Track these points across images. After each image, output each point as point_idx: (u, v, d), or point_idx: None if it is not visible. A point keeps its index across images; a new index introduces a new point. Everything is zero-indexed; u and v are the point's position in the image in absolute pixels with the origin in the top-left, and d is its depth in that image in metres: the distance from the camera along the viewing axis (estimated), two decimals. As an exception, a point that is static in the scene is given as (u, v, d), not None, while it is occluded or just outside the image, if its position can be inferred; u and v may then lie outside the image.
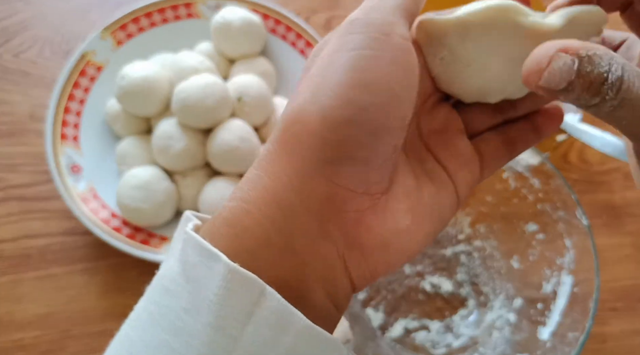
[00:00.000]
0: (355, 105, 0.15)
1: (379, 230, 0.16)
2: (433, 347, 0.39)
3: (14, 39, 0.51)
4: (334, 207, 0.16)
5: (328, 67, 0.16)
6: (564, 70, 0.15)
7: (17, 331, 0.40)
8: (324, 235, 0.16)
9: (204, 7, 0.48)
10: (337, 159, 0.15)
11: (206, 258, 0.15)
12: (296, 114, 0.16)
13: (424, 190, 0.18)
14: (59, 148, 0.42)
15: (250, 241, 0.15)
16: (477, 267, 0.42)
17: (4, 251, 0.42)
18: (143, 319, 0.16)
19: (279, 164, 0.16)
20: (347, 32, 0.16)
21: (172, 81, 0.43)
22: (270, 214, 0.15)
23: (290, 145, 0.16)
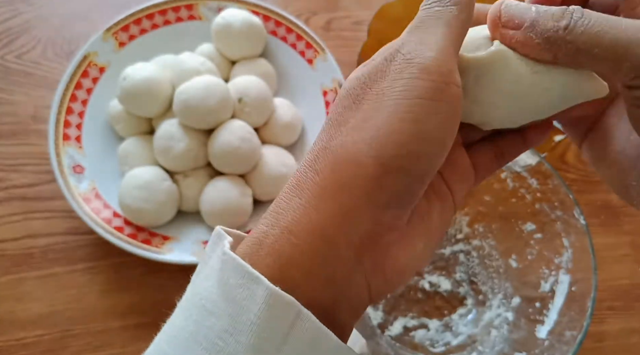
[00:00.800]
0: (413, 155, 0.16)
1: (400, 257, 0.17)
2: (432, 345, 0.39)
3: (17, 40, 0.51)
4: (372, 241, 0.16)
5: (388, 113, 0.16)
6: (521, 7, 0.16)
7: (19, 330, 0.40)
8: (358, 265, 0.16)
9: (205, 9, 0.48)
10: (387, 203, 0.16)
11: (248, 280, 0.15)
12: (352, 155, 0.16)
13: (433, 209, 0.19)
14: (61, 148, 0.42)
15: (295, 273, 0.16)
16: (476, 266, 0.42)
17: (7, 250, 0.43)
18: (182, 337, 0.16)
19: (327, 199, 0.16)
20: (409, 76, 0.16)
21: (173, 82, 0.43)
22: (316, 247, 0.16)
23: (342, 184, 0.16)
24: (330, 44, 0.49)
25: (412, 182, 0.16)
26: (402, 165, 0.16)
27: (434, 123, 0.16)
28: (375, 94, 0.16)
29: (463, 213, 0.43)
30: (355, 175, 0.16)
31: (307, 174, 0.17)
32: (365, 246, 0.16)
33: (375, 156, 0.15)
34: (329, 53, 0.47)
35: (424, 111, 0.15)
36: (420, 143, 0.16)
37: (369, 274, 0.17)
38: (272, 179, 0.42)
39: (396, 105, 0.16)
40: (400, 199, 0.16)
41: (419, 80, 0.16)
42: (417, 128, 0.15)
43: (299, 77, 0.48)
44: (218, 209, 0.40)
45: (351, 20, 0.54)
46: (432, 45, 0.16)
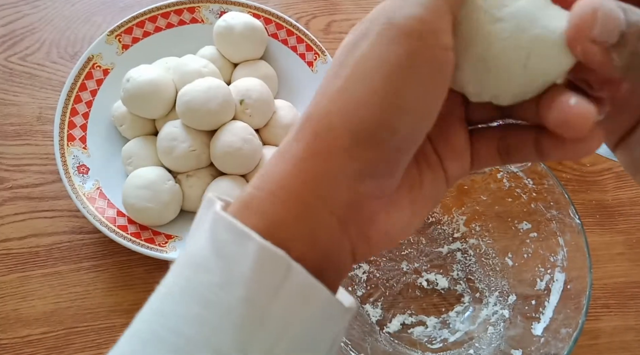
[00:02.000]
0: (387, 128, 0.15)
1: (385, 225, 0.17)
2: (429, 342, 0.40)
3: (22, 42, 0.52)
4: (354, 210, 0.16)
5: (363, 81, 0.15)
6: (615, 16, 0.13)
7: (24, 328, 0.41)
8: (343, 232, 0.17)
9: (207, 12, 0.49)
10: (362, 173, 0.16)
11: (238, 236, 0.15)
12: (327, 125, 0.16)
13: (424, 178, 0.18)
14: (66, 149, 0.43)
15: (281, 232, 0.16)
16: (473, 265, 0.43)
17: (12, 249, 0.43)
18: (175, 293, 0.16)
19: (307, 165, 0.16)
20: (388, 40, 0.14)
21: (176, 84, 0.44)
22: (298, 212, 0.16)
23: (318, 153, 0.16)
24: (330, 47, 0.50)
25: (389, 154, 0.15)
26: (375, 139, 0.15)
27: (413, 93, 0.14)
28: (355, 60, 0.15)
29: (460, 212, 0.44)
30: (329, 146, 0.15)
31: (290, 142, 0.17)
32: (348, 215, 0.16)
33: (348, 129, 0.15)
34: (329, 56, 0.47)
35: (401, 81, 0.14)
36: (396, 116, 0.15)
37: (355, 240, 0.17)
38: (273, 179, 0.43)
39: (371, 75, 0.14)
40: (377, 170, 0.16)
41: (397, 45, 0.14)
42: (392, 100, 0.14)
43: (300, 79, 0.49)
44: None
45: (351, 22, 0.55)
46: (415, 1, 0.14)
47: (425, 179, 0.18)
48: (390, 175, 0.16)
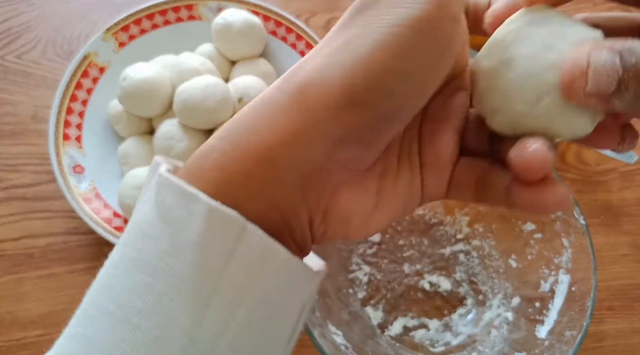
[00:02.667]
0: (384, 90, 0.14)
1: (345, 204, 0.16)
2: (432, 345, 0.39)
3: (17, 40, 0.51)
4: (320, 175, 0.15)
5: (369, 40, 0.14)
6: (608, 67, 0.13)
7: (19, 330, 0.40)
8: (303, 198, 0.16)
9: (205, 9, 0.48)
10: (343, 138, 0.15)
11: (184, 199, 0.14)
12: (321, 78, 0.14)
13: (400, 173, 0.17)
14: (61, 148, 0.42)
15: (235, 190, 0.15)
16: (476, 266, 0.42)
17: (6, 250, 0.43)
18: (122, 265, 0.15)
19: (283, 120, 0.15)
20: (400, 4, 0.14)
21: (173, 82, 0.43)
22: (261, 168, 0.15)
23: (302, 106, 0.15)
24: (330, 44, 0.49)
25: (376, 119, 0.15)
26: (369, 100, 0.14)
27: (416, 59, 0.14)
28: (364, 19, 0.15)
29: (463, 213, 0.43)
30: (317, 100, 0.14)
31: (271, 92, 0.16)
32: (312, 178, 0.15)
33: (343, 84, 0.14)
34: (329, 53, 0.47)
35: (407, 44, 0.14)
36: (396, 79, 0.14)
37: (313, 210, 0.16)
38: (272, 179, 0.42)
39: (380, 34, 0.14)
40: (359, 136, 0.15)
41: (409, 9, 0.14)
42: (395, 62, 0.14)
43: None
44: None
45: (351, 20, 0.54)
46: None
47: (401, 175, 0.17)
48: (369, 146, 0.15)
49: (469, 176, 0.18)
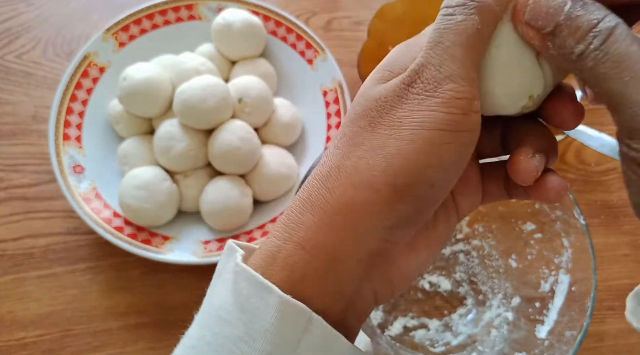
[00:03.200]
0: (426, 183, 0.16)
1: (404, 267, 0.19)
2: (432, 345, 0.39)
3: (17, 40, 0.51)
4: (380, 257, 0.17)
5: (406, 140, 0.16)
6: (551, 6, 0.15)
7: (19, 330, 0.40)
8: (366, 280, 0.18)
9: (205, 9, 0.48)
10: (397, 225, 0.17)
11: (260, 290, 0.16)
12: (366, 179, 0.16)
13: (438, 218, 0.19)
14: (61, 148, 0.42)
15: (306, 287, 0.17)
16: (476, 266, 0.42)
17: (7, 250, 0.43)
18: (201, 347, 0.17)
19: (340, 220, 0.16)
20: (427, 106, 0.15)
21: (173, 82, 0.43)
22: (327, 266, 0.17)
23: (356, 207, 0.16)
24: (330, 44, 0.49)
25: (423, 206, 0.17)
26: (415, 193, 0.16)
27: (451, 152, 0.16)
28: (392, 120, 0.16)
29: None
30: (367, 199, 0.16)
31: (319, 190, 0.17)
32: (372, 262, 0.17)
33: (389, 183, 0.16)
34: (329, 53, 0.47)
35: (441, 142, 0.15)
36: (435, 172, 0.16)
37: (377, 285, 0.18)
38: (272, 179, 0.42)
39: (414, 136, 0.16)
40: (410, 221, 0.17)
41: (438, 113, 0.15)
42: (432, 158, 0.16)
43: (299, 77, 0.48)
44: (218, 209, 0.40)
45: (351, 20, 0.54)
46: (452, 73, 0.16)
47: (439, 219, 0.19)
48: (417, 224, 0.18)
49: (498, 183, 0.20)
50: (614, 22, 0.14)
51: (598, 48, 0.14)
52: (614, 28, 0.14)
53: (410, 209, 0.16)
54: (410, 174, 0.16)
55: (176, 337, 0.19)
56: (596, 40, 0.14)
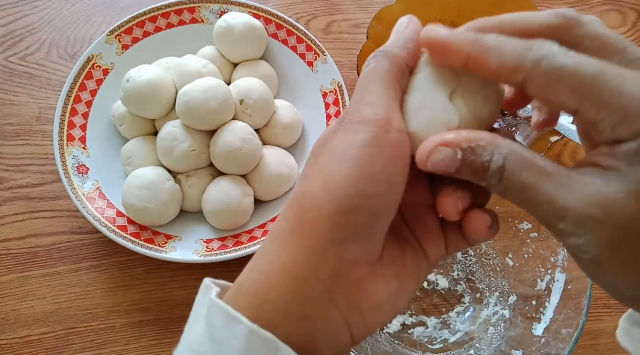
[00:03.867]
0: (362, 194, 0.17)
1: (375, 294, 0.19)
2: (430, 342, 0.40)
3: (21, 42, 0.52)
4: (341, 277, 0.18)
5: (338, 161, 0.18)
6: (446, 160, 0.17)
7: (23, 328, 0.41)
8: (332, 302, 0.18)
9: (207, 12, 0.49)
10: (345, 238, 0.18)
11: (230, 321, 0.17)
12: (310, 200, 0.18)
13: (406, 254, 0.21)
14: (65, 149, 0.43)
15: (270, 311, 0.17)
16: (473, 265, 0.43)
17: (11, 249, 0.43)
18: None
19: (295, 242, 0.18)
20: (353, 131, 0.18)
21: (176, 84, 0.44)
22: (288, 287, 0.18)
23: (306, 226, 0.18)
24: (330, 47, 0.50)
25: (366, 217, 0.18)
26: (353, 204, 0.17)
27: (378, 165, 0.18)
28: (329, 149, 0.19)
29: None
30: (315, 217, 0.18)
31: (279, 223, 0.19)
32: (335, 281, 0.18)
33: (329, 198, 0.18)
34: (328, 55, 0.47)
35: (368, 156, 0.17)
36: (367, 183, 0.17)
37: (345, 309, 0.18)
38: (273, 179, 0.43)
39: (344, 155, 0.18)
40: (358, 234, 0.18)
41: (361, 133, 0.18)
42: (362, 171, 0.17)
43: (299, 79, 0.49)
44: (220, 208, 0.41)
45: (351, 23, 0.55)
46: (369, 102, 0.18)
47: (407, 255, 0.21)
48: (369, 238, 0.18)
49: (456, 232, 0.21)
50: (501, 160, 0.16)
51: (498, 184, 0.17)
52: (503, 165, 0.16)
53: (353, 221, 0.18)
54: (345, 187, 0.17)
55: (178, 334, 0.19)
56: (493, 179, 0.17)
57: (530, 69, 0.16)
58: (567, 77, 0.15)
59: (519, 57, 0.16)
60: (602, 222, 0.15)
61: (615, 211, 0.15)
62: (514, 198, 0.17)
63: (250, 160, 0.42)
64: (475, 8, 0.49)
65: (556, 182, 0.16)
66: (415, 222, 0.21)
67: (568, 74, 0.15)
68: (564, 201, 0.15)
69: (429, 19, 0.50)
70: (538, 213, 0.16)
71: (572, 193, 0.15)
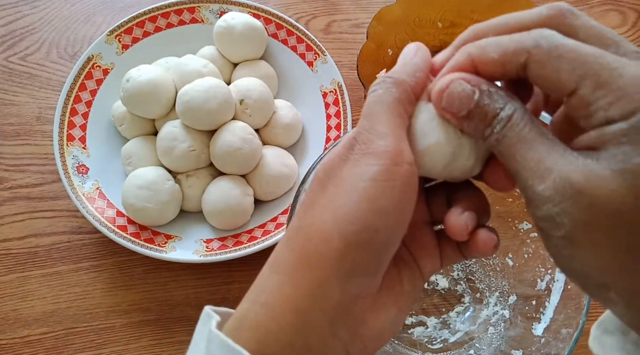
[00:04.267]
0: (371, 229, 0.17)
1: (375, 323, 0.19)
2: (430, 342, 0.40)
3: (22, 42, 0.52)
4: (344, 310, 0.18)
5: (349, 193, 0.18)
6: (463, 96, 0.17)
7: (23, 328, 0.41)
8: (334, 334, 0.18)
9: (207, 12, 0.49)
10: (352, 274, 0.18)
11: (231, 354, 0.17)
12: (319, 232, 0.18)
13: (403, 277, 0.21)
14: (65, 149, 0.43)
15: (273, 345, 0.17)
16: (473, 265, 0.43)
17: (12, 249, 0.43)
18: None
19: (300, 275, 0.18)
20: (365, 163, 0.18)
21: (176, 84, 0.44)
22: (292, 319, 0.17)
23: (312, 258, 0.18)
24: (330, 47, 0.50)
25: (374, 252, 0.18)
26: (362, 239, 0.17)
27: (388, 199, 0.17)
28: (338, 178, 0.18)
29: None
30: (322, 250, 0.18)
31: (282, 252, 0.19)
32: (338, 315, 0.18)
33: (338, 232, 0.17)
34: (328, 55, 0.47)
35: (378, 190, 0.17)
36: (377, 218, 0.17)
37: (346, 340, 0.18)
38: (273, 179, 0.43)
39: (355, 188, 0.18)
40: (365, 269, 0.18)
41: (372, 166, 0.18)
42: (373, 205, 0.17)
43: (300, 79, 0.49)
44: (220, 208, 0.41)
45: (351, 23, 0.55)
46: (380, 133, 0.18)
47: (404, 278, 0.21)
48: (375, 273, 0.18)
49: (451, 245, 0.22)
50: (511, 110, 0.17)
51: (499, 132, 0.17)
52: (511, 115, 0.17)
53: (362, 256, 0.18)
54: (355, 221, 0.17)
55: (178, 334, 0.19)
56: (498, 125, 0.17)
57: (531, 49, 0.16)
58: (568, 54, 0.16)
59: (519, 42, 0.17)
60: (583, 193, 0.15)
61: (598, 184, 0.15)
62: (506, 150, 0.17)
63: (250, 161, 0.42)
64: (475, 8, 0.49)
65: (551, 146, 0.16)
66: (412, 239, 0.21)
67: (569, 50, 0.16)
68: (552, 163, 0.16)
69: (429, 18, 0.50)
70: (522, 173, 0.16)
71: (561, 159, 0.16)
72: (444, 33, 0.51)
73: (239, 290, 0.42)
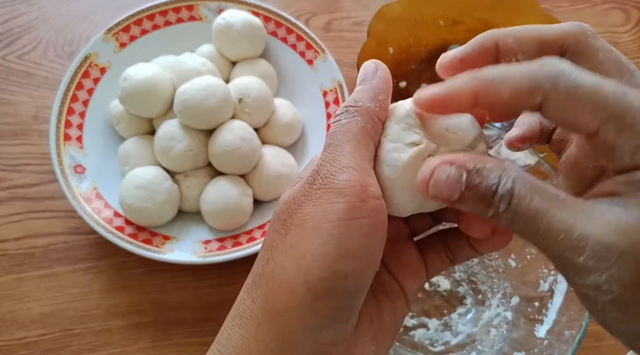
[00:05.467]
0: (339, 275, 0.16)
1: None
2: (431, 344, 0.39)
3: (18, 40, 0.51)
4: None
5: (313, 237, 0.16)
6: (450, 181, 0.16)
7: (20, 330, 0.40)
8: None
9: (206, 10, 0.49)
10: (321, 325, 0.17)
11: None
12: (282, 282, 0.17)
13: (384, 311, 0.19)
14: (62, 148, 0.42)
15: None
16: (475, 266, 0.42)
17: (8, 250, 0.43)
18: None
19: (265, 329, 0.17)
20: (327, 200, 0.16)
21: (174, 83, 0.43)
22: None
23: (277, 312, 0.16)
24: (330, 45, 0.50)
25: (343, 299, 0.17)
26: (329, 287, 0.16)
27: (357, 240, 0.16)
28: (300, 218, 0.17)
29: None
30: (288, 303, 0.16)
31: (245, 302, 0.18)
32: None
33: (303, 282, 0.16)
34: (328, 54, 0.47)
35: (344, 231, 0.16)
36: (345, 262, 0.16)
37: None
38: (272, 178, 0.42)
39: (318, 230, 0.16)
40: (336, 318, 0.17)
41: (336, 203, 0.16)
42: (340, 249, 0.16)
43: (299, 78, 0.48)
44: (218, 208, 0.40)
45: (351, 21, 0.54)
46: (343, 165, 0.17)
47: (384, 311, 0.19)
48: (348, 319, 0.17)
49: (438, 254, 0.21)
50: (510, 183, 0.15)
51: (506, 211, 0.15)
52: (512, 189, 0.15)
53: (329, 306, 0.16)
54: (321, 268, 0.16)
55: (176, 336, 0.19)
56: (502, 204, 0.15)
57: (548, 89, 0.14)
58: (588, 97, 0.14)
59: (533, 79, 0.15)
60: (627, 253, 0.13)
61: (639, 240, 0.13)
62: (524, 228, 0.15)
63: (249, 160, 0.41)
64: (477, 5, 0.49)
65: (571, 209, 0.14)
66: (391, 258, 0.20)
67: (589, 93, 0.14)
68: (583, 229, 0.14)
69: (431, 16, 0.49)
70: (552, 246, 0.15)
71: (590, 220, 0.14)
72: (446, 31, 0.50)
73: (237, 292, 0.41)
